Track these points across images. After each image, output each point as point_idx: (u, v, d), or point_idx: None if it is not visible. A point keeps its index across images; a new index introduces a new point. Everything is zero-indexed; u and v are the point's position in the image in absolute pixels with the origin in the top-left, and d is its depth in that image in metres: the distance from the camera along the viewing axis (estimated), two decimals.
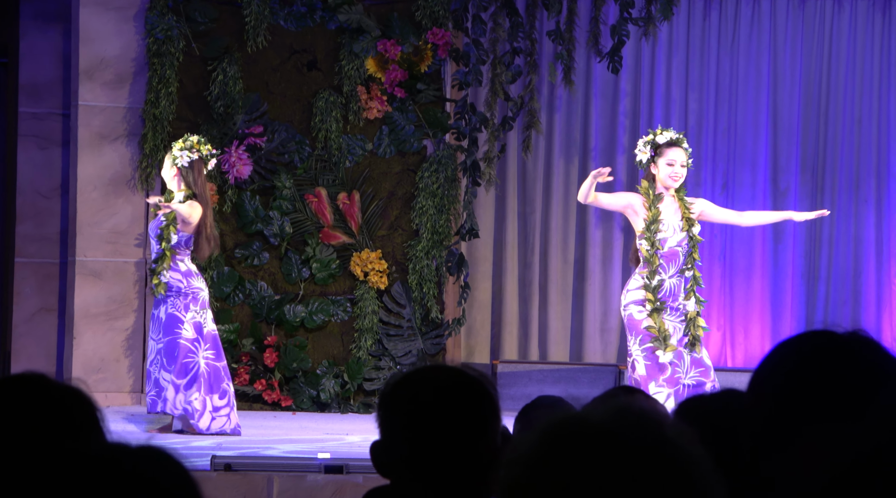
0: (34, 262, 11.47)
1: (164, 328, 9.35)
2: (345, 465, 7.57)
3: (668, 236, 8.93)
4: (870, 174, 12.29)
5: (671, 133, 9.00)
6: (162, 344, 9.34)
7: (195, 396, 9.28)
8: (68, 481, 1.53)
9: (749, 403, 2.01)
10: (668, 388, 8.77)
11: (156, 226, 9.47)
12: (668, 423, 1.50)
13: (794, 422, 1.94)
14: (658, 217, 8.92)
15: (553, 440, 1.48)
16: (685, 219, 8.95)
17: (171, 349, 9.32)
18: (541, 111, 11.70)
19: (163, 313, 9.35)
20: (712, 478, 1.49)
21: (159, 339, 9.36)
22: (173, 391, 9.27)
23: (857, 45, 12.30)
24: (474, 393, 2.62)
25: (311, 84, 11.48)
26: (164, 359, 9.31)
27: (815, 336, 2.02)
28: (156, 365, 9.34)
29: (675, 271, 8.94)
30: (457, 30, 11.33)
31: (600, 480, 1.45)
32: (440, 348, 11.42)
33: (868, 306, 12.30)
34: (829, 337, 2.01)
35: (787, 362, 2.01)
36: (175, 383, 9.28)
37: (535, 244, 12.25)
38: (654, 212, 8.92)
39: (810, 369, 1.98)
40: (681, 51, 12.29)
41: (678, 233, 8.95)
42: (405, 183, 11.50)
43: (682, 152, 8.97)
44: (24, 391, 2.16)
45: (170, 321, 9.35)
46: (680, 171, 8.95)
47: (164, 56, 11.19)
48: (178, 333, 9.34)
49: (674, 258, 8.94)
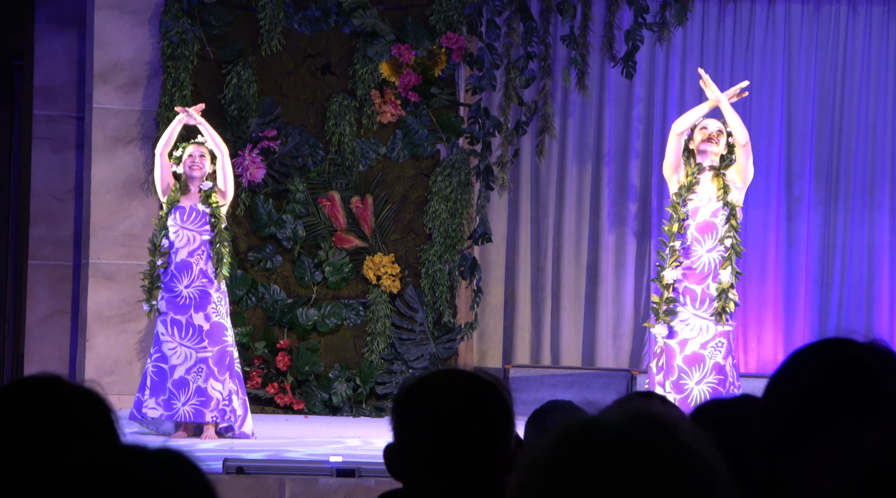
0: (48, 264, 11.49)
1: (210, 336, 9.19)
2: (357, 468, 7.57)
3: (702, 206, 8.69)
4: (884, 180, 12.27)
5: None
6: (210, 354, 9.17)
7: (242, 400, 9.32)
8: (85, 484, 1.53)
9: (765, 409, 2.02)
10: (673, 393, 8.52)
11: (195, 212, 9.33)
12: (684, 428, 1.49)
13: (810, 429, 1.94)
14: (693, 186, 8.68)
15: (569, 445, 1.48)
16: (721, 189, 8.67)
17: (221, 358, 9.21)
18: (554, 116, 11.70)
19: (202, 320, 9.19)
20: (727, 483, 1.49)
21: (202, 348, 9.17)
22: (236, 399, 9.22)
23: (872, 50, 12.28)
24: (489, 397, 2.62)
25: (325, 88, 11.49)
26: (214, 368, 9.18)
27: (833, 345, 2.03)
28: (199, 374, 9.16)
29: (714, 244, 8.66)
30: (471, 34, 11.33)
31: (616, 484, 1.44)
32: (452, 352, 11.42)
33: (881, 312, 12.27)
34: (847, 345, 2.01)
35: (804, 370, 2.01)
36: (232, 391, 9.21)
37: (548, 249, 12.24)
38: (689, 178, 8.69)
39: (827, 378, 1.98)
40: (695, 56, 12.27)
41: (713, 202, 8.68)
42: (418, 187, 11.51)
43: (716, 122, 8.83)
44: (39, 393, 2.16)
45: (216, 329, 9.21)
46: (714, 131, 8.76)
47: (178, 59, 11.21)
48: (226, 341, 9.25)
49: (710, 230, 8.67)
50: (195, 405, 9.17)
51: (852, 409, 1.94)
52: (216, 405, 9.16)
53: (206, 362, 9.17)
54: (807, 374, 2.00)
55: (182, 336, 9.22)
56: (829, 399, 1.96)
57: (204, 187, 9.37)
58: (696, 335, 8.60)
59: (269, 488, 7.49)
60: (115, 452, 1.56)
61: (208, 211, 9.32)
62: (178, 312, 9.25)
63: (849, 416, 1.93)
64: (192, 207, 9.35)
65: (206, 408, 9.15)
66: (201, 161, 9.39)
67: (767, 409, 2.01)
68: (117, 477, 1.54)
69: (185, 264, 9.27)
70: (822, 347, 2.04)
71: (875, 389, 1.96)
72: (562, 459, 1.47)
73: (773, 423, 1.99)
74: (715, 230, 8.66)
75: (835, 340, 2.03)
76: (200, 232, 9.32)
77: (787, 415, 1.97)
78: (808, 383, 1.99)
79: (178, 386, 9.18)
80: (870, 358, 1.99)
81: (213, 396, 9.15)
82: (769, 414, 2.00)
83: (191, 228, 9.34)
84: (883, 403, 1.93)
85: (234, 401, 9.21)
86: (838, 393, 1.96)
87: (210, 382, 9.14)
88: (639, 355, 12.25)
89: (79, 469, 1.54)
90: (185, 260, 9.27)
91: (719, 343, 8.60)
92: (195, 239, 9.31)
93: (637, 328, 12.29)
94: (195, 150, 9.47)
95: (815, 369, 2.00)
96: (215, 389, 9.16)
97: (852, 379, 1.97)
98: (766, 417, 2.01)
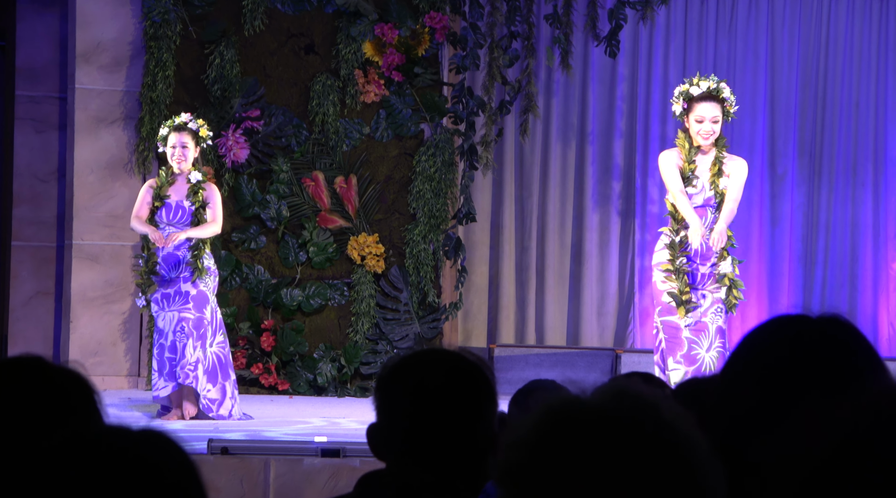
0: (31, 245, 11.47)
1: (195, 301, 9.21)
2: (341, 448, 7.57)
3: (696, 193, 8.52)
4: (867, 159, 12.30)
5: (709, 82, 8.51)
6: (192, 316, 9.20)
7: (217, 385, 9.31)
8: (69, 464, 1.53)
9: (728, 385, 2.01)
10: (685, 366, 8.45)
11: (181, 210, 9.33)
12: (665, 406, 1.50)
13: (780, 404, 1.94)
14: (693, 171, 8.50)
15: (550, 424, 1.48)
16: (714, 174, 8.49)
17: (198, 325, 9.24)
18: (538, 95, 11.70)
19: (189, 287, 9.22)
20: (709, 461, 1.49)
21: (186, 308, 9.20)
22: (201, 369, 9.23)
23: (855, 29, 12.30)
24: (472, 377, 2.62)
25: (309, 68, 11.47)
26: (194, 331, 9.20)
27: (792, 320, 2.02)
28: (182, 333, 9.20)
29: (707, 231, 8.47)
30: (454, 13, 11.32)
31: (597, 463, 1.45)
32: (437, 332, 11.43)
33: (865, 290, 12.31)
34: (808, 320, 2.01)
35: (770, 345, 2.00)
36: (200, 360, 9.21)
37: (533, 228, 12.25)
38: (689, 166, 8.49)
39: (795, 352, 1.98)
40: (678, 35, 12.27)
41: (706, 190, 8.52)
42: (402, 167, 11.50)
43: (712, 107, 8.45)
44: (21, 374, 2.16)
45: (200, 297, 9.24)
46: (709, 128, 8.46)
47: (161, 39, 11.18)
48: (205, 314, 9.26)
49: (702, 217, 8.51)
50: (183, 366, 9.25)
51: (822, 383, 1.94)
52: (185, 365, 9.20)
53: (187, 322, 9.19)
54: (773, 349, 1.99)
55: (169, 305, 9.28)
56: (798, 374, 1.96)
57: (192, 179, 9.33)
58: (696, 305, 8.57)
59: (253, 469, 7.50)
60: (97, 432, 1.56)
61: (192, 209, 9.31)
62: (167, 287, 9.30)
63: (818, 390, 1.93)
64: (178, 204, 9.33)
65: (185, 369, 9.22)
66: (184, 152, 9.33)
67: (731, 385, 2.00)
68: (100, 458, 1.54)
69: (171, 256, 9.30)
70: (784, 322, 2.03)
71: (843, 363, 1.96)
72: (543, 439, 1.47)
73: (740, 399, 1.98)
74: (705, 217, 8.55)
75: (792, 317, 2.02)
76: (183, 227, 9.32)
77: (754, 391, 1.97)
78: (775, 358, 1.98)
79: (172, 350, 9.26)
80: (835, 331, 1.99)
81: (187, 356, 9.18)
82: (734, 390, 2.00)
83: (176, 226, 9.34)
84: (852, 376, 1.93)
85: (199, 369, 9.20)
86: (807, 367, 1.96)
87: (189, 343, 9.18)
88: (623, 334, 12.27)
89: (62, 450, 1.54)
90: (172, 253, 9.30)
91: (718, 309, 8.60)
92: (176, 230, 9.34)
93: (621, 307, 12.31)
94: (177, 139, 9.35)
95: (782, 344, 2.00)
96: (191, 352, 9.19)
97: (820, 353, 1.97)
98: (730, 394, 2.00)
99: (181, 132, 9.36)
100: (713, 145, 8.56)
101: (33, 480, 1.53)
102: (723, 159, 8.56)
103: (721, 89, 8.50)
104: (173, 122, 9.45)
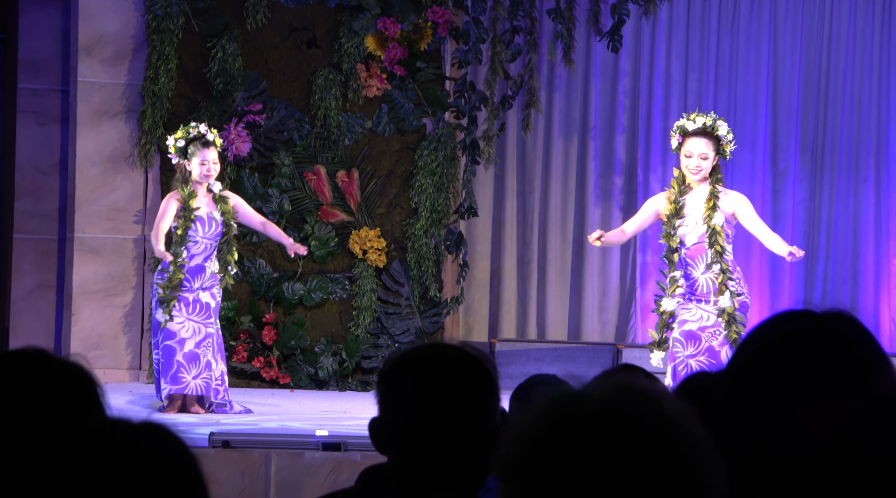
0: (33, 238, 11.47)
1: (216, 314, 9.36)
2: (343, 442, 7.58)
3: (688, 232, 8.49)
4: (869, 155, 12.29)
5: (704, 118, 8.50)
6: (215, 330, 9.31)
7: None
8: (70, 457, 1.54)
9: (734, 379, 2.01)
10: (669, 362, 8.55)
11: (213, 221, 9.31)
12: (668, 401, 1.50)
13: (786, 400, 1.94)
14: (680, 211, 8.50)
15: (552, 418, 1.48)
16: (709, 208, 8.44)
17: (219, 338, 9.38)
18: (540, 90, 11.69)
19: (208, 298, 9.29)
20: (711, 456, 1.49)
21: (210, 323, 9.27)
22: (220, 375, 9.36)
23: (858, 25, 12.29)
24: (474, 371, 2.62)
25: (311, 62, 11.46)
26: (216, 345, 9.31)
27: (797, 316, 2.02)
28: (207, 348, 9.24)
29: (705, 268, 8.48)
30: (457, 8, 11.32)
31: (599, 458, 1.45)
32: (438, 327, 11.43)
33: (866, 286, 12.31)
34: (816, 316, 2.00)
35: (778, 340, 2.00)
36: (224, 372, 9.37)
37: (534, 223, 12.25)
38: (672, 207, 8.50)
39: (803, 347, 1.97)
40: (681, 30, 12.27)
41: (699, 226, 8.48)
42: (404, 161, 11.50)
43: (703, 143, 8.44)
44: (24, 366, 2.16)
45: (218, 310, 9.41)
46: (696, 164, 8.44)
47: (163, 33, 11.17)
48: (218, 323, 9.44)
49: (700, 253, 8.49)
50: (206, 379, 9.26)
51: (827, 379, 1.94)
52: (213, 382, 9.25)
53: (213, 338, 9.28)
54: (778, 344, 1.99)
55: (189, 312, 9.28)
56: (802, 369, 1.95)
57: (214, 189, 9.34)
58: (696, 320, 8.54)
59: (254, 462, 7.50)
60: (99, 425, 1.56)
61: (222, 220, 9.35)
62: (185, 291, 9.31)
63: (823, 386, 1.93)
64: (209, 217, 9.34)
65: (211, 382, 9.24)
66: (215, 168, 9.33)
67: (736, 380, 2.00)
68: (102, 450, 1.54)
69: (199, 268, 9.33)
70: (789, 317, 2.02)
71: (848, 359, 1.95)
72: (544, 433, 1.47)
73: (744, 395, 1.98)
74: (704, 253, 8.52)
75: (798, 312, 2.02)
76: (216, 239, 9.38)
77: (758, 386, 1.97)
78: (780, 354, 1.98)
79: (190, 359, 9.23)
80: (842, 326, 1.98)
81: (214, 372, 9.25)
82: (738, 385, 1.99)
83: (210, 238, 9.38)
84: (857, 372, 1.93)
85: (226, 382, 9.35)
86: (812, 363, 1.95)
87: (217, 358, 9.27)
88: (624, 329, 12.27)
89: (64, 443, 1.54)
90: (200, 265, 9.32)
91: (718, 331, 8.53)
92: (211, 246, 9.37)
93: (622, 302, 12.31)
94: (208, 155, 9.28)
95: (786, 339, 1.99)
96: (217, 365, 9.25)
97: (825, 348, 1.96)
98: (734, 389, 2.00)
99: (210, 148, 9.30)
100: (705, 180, 8.53)
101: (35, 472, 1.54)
102: (718, 194, 8.52)
103: (717, 127, 8.50)
104: (189, 134, 9.31)
